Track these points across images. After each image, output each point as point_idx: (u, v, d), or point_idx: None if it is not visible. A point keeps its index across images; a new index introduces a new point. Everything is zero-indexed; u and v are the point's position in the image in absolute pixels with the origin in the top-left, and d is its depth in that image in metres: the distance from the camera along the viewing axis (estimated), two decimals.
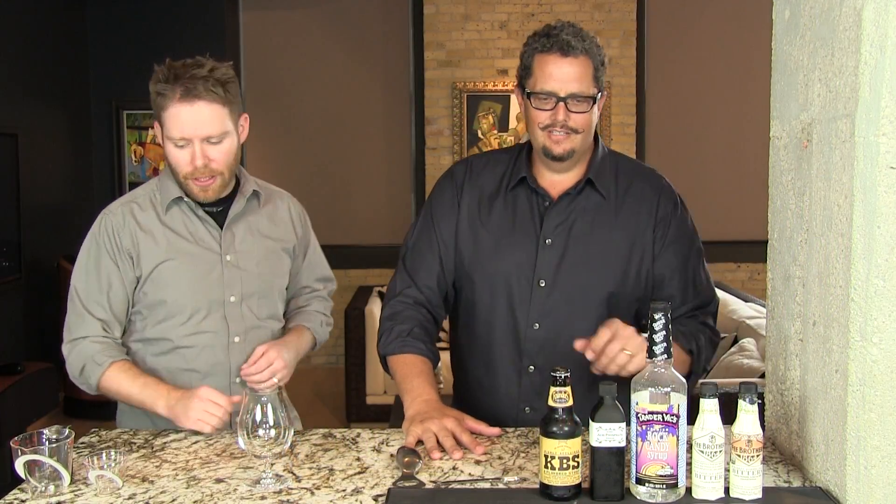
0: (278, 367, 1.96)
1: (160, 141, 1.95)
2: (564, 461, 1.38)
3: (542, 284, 1.87)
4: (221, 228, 2.02)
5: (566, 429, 1.38)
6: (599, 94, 1.84)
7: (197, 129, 1.87)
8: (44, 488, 1.48)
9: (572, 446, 1.38)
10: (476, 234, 1.93)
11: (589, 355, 1.68)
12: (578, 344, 1.70)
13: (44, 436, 1.54)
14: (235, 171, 2.00)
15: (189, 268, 1.98)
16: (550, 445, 1.38)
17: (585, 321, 1.82)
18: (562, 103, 1.79)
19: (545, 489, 1.40)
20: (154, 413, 1.91)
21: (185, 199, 1.99)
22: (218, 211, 2.03)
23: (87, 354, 1.94)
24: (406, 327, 1.91)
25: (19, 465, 1.47)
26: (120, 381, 1.91)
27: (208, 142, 1.89)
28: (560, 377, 1.39)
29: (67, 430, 1.55)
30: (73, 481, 1.51)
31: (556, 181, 1.91)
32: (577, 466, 1.39)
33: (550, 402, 1.39)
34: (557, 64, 1.79)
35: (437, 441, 1.64)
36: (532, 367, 1.89)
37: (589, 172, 1.90)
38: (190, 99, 1.85)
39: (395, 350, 1.90)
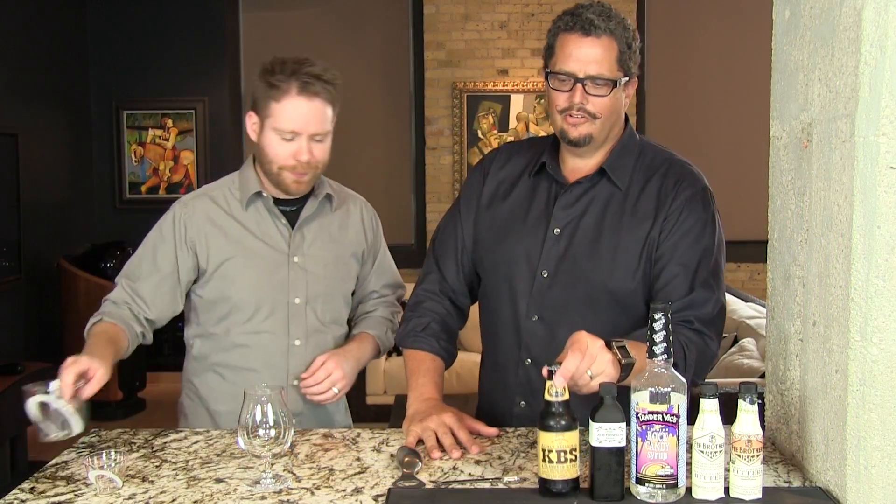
0: (336, 377, 1.95)
1: (255, 131, 1.96)
2: (562, 454, 1.38)
3: (545, 275, 1.79)
4: (293, 228, 2.02)
5: (563, 422, 1.38)
6: (626, 78, 1.73)
7: (308, 125, 1.91)
8: (55, 431, 1.54)
9: (569, 440, 1.38)
10: (492, 220, 1.89)
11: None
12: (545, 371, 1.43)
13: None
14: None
15: (255, 266, 1.99)
16: (547, 439, 1.38)
17: (585, 318, 1.74)
18: (579, 85, 1.70)
19: (543, 483, 1.40)
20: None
21: (264, 194, 2.00)
22: (291, 210, 2.03)
23: (99, 311, 1.95)
24: (423, 321, 1.90)
25: (33, 405, 1.52)
26: (88, 339, 1.86)
27: (314, 139, 1.93)
28: (556, 370, 1.39)
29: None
30: (73, 481, 1.51)
31: (577, 169, 1.82)
32: (575, 460, 1.39)
33: (546, 396, 1.39)
34: (578, 44, 1.69)
35: (437, 440, 1.64)
36: (529, 359, 1.82)
37: (604, 162, 1.80)
38: (308, 95, 1.90)
39: (408, 343, 1.90)
